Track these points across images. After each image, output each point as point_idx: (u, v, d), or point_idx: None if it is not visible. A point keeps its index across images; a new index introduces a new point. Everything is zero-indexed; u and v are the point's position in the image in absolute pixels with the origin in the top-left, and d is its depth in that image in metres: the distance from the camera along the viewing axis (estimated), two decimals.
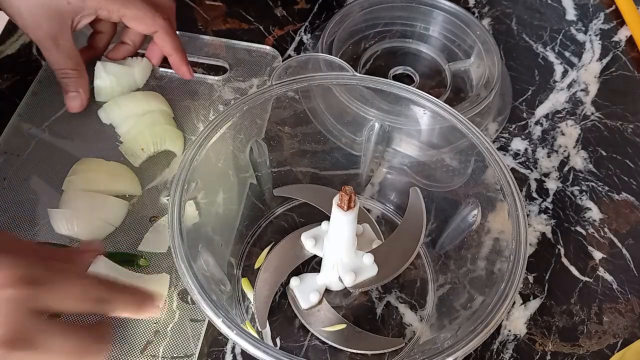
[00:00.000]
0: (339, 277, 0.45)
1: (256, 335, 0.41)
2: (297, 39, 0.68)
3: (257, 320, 0.47)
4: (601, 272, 0.53)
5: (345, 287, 0.45)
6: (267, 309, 0.47)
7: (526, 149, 0.60)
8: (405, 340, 0.48)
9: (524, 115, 0.63)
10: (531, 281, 0.52)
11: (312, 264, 0.52)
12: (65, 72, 0.56)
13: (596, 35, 0.70)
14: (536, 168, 0.59)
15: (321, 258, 0.48)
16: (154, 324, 0.47)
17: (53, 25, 0.53)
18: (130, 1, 0.55)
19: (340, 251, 0.45)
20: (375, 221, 0.53)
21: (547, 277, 0.52)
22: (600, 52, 0.69)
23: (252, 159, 0.51)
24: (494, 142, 0.60)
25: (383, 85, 0.48)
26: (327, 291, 0.49)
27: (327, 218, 0.45)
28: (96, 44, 0.60)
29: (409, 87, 0.48)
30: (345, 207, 0.41)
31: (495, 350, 0.48)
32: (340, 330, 0.48)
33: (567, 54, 0.68)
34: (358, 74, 0.49)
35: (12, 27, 0.66)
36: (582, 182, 0.58)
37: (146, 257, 0.50)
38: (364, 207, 0.53)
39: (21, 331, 0.35)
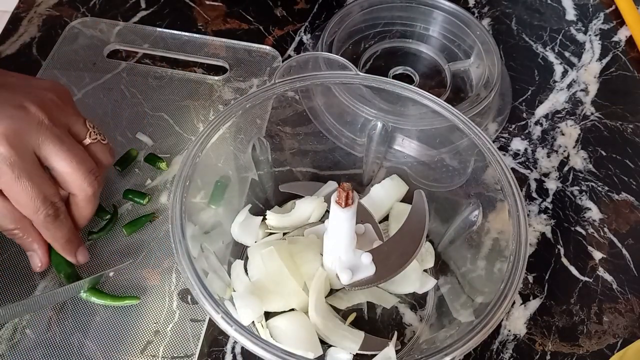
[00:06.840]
0: (336, 274, 0.45)
1: (256, 332, 0.41)
2: (297, 39, 0.68)
3: None
4: (601, 272, 0.53)
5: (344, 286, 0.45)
6: None
7: (526, 149, 0.60)
8: (405, 340, 0.48)
9: (524, 115, 0.63)
10: (531, 281, 0.52)
11: None
12: (8, 233, 0.45)
13: (596, 35, 0.70)
14: (536, 168, 0.59)
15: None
16: (154, 324, 0.47)
17: None
18: (69, 147, 0.44)
19: (338, 248, 0.45)
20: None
21: (547, 277, 0.52)
22: (600, 52, 0.69)
23: (255, 157, 0.51)
24: (493, 142, 0.60)
25: (386, 85, 0.48)
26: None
27: None
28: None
29: (412, 86, 0.48)
30: (343, 203, 0.41)
31: (495, 350, 0.48)
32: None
33: (567, 54, 0.68)
34: (361, 73, 0.49)
35: (12, 27, 0.66)
36: (582, 182, 0.58)
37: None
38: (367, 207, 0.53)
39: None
